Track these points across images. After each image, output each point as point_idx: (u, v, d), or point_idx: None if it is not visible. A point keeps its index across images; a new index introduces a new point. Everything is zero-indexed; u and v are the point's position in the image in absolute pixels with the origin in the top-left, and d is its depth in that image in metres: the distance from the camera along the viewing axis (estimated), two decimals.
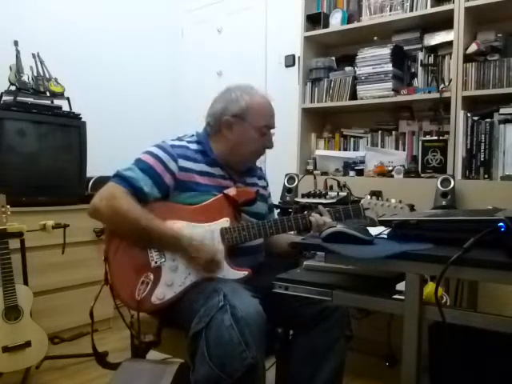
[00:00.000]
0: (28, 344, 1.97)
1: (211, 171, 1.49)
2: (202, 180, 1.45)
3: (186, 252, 1.35)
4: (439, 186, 2.10)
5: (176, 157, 1.43)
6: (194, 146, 1.50)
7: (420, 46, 2.45)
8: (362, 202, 1.45)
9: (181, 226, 1.37)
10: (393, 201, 1.42)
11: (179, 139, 1.52)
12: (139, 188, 1.36)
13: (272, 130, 1.56)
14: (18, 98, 2.48)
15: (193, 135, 1.56)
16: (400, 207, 1.41)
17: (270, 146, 1.56)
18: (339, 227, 1.18)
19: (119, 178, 1.38)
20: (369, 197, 1.46)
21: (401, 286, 1.15)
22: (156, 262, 1.35)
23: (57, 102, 2.68)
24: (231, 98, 1.50)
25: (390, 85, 2.43)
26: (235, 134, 1.49)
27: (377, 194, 2.16)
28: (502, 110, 2.11)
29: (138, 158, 1.43)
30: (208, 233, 1.39)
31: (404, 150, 2.51)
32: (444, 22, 2.27)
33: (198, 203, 1.42)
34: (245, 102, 1.48)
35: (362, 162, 2.56)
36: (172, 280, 1.35)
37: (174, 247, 1.35)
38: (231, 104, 1.49)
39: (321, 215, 1.46)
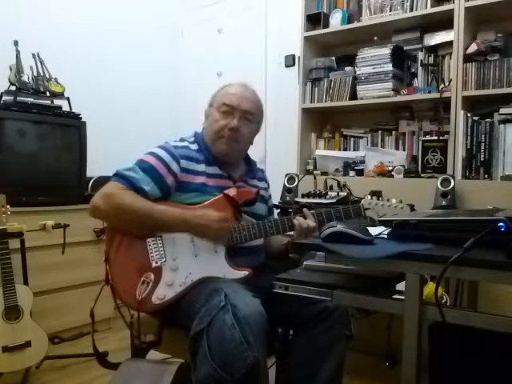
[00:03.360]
0: (28, 344, 1.97)
1: (211, 171, 1.49)
2: (202, 180, 1.46)
3: (196, 225, 1.35)
4: (439, 186, 2.10)
5: (178, 158, 1.43)
6: (194, 147, 1.51)
7: (420, 46, 2.45)
8: (362, 202, 1.45)
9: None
10: (393, 201, 1.42)
11: (181, 140, 1.53)
12: (140, 188, 1.37)
13: (246, 116, 1.49)
14: (18, 98, 2.48)
15: (193, 136, 1.57)
16: (400, 207, 1.40)
17: (231, 125, 1.46)
18: (339, 227, 1.18)
19: (119, 176, 1.39)
20: (369, 197, 1.45)
21: (401, 286, 1.16)
22: (156, 262, 1.35)
23: (57, 101, 2.68)
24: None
25: (390, 85, 2.43)
26: (206, 120, 1.56)
27: (377, 194, 2.15)
28: (502, 110, 2.11)
29: (141, 158, 1.44)
30: None
31: (404, 150, 2.51)
32: (444, 22, 2.27)
33: (199, 203, 1.42)
34: (217, 91, 1.54)
35: (362, 162, 2.56)
36: (172, 280, 1.35)
37: (182, 225, 1.36)
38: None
39: (305, 218, 1.45)
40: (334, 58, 2.78)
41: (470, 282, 1.90)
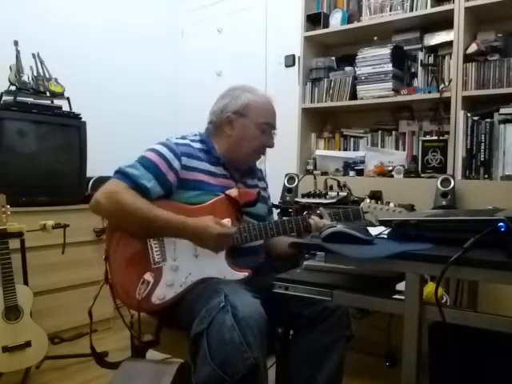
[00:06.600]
0: (28, 344, 1.97)
1: (214, 170, 1.49)
2: (204, 178, 1.45)
3: (193, 235, 1.34)
4: (439, 186, 2.10)
5: (180, 155, 1.43)
6: (197, 145, 1.51)
7: (420, 46, 2.45)
8: (361, 205, 1.45)
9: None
10: (391, 205, 1.43)
11: (183, 138, 1.52)
12: (142, 185, 1.36)
13: (274, 131, 1.56)
14: (18, 98, 2.48)
15: (196, 134, 1.57)
16: (399, 211, 1.41)
17: (271, 144, 1.56)
18: (339, 227, 1.18)
19: (121, 174, 1.38)
20: (368, 200, 1.46)
21: (401, 286, 1.15)
22: (157, 262, 1.35)
23: (57, 101, 2.68)
24: (233, 95, 1.53)
25: (389, 85, 2.43)
26: (236, 130, 1.50)
27: (377, 194, 2.16)
28: (502, 110, 2.11)
29: (142, 155, 1.43)
30: None
31: (404, 150, 2.51)
32: (444, 22, 2.27)
33: (201, 203, 1.42)
34: (246, 99, 1.50)
35: (362, 162, 2.56)
36: (172, 280, 1.35)
37: (180, 232, 1.35)
38: (232, 101, 1.51)
39: (321, 217, 1.46)
40: (333, 58, 2.78)
41: (470, 282, 1.90)
